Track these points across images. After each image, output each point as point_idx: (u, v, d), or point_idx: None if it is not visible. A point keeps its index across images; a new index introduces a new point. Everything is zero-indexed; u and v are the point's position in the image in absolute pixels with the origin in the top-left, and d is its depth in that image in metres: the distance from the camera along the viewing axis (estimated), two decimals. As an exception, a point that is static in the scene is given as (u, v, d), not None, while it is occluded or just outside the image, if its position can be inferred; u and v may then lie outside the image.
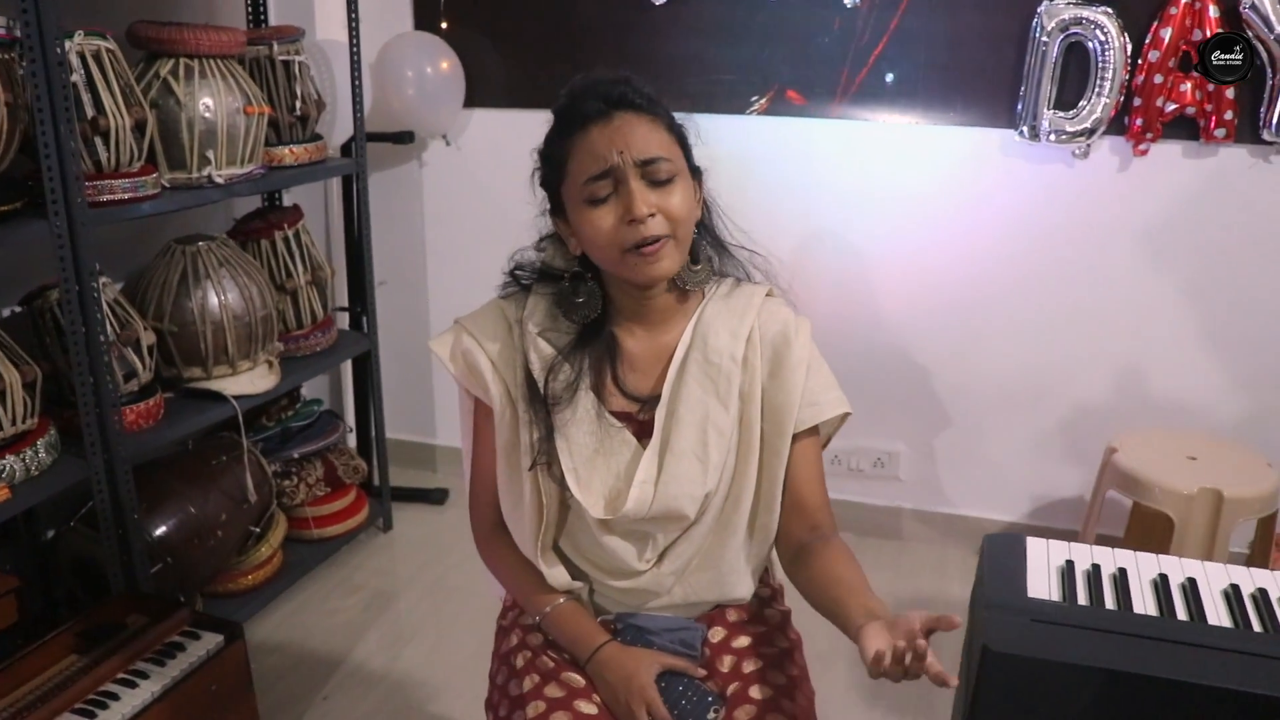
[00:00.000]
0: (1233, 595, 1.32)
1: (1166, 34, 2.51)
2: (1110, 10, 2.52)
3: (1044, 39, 2.60)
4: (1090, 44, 2.57)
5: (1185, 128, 2.61)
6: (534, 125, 1.40)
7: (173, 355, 2.43)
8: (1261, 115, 2.53)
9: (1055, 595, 1.29)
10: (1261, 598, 1.30)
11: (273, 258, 2.71)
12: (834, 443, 1.52)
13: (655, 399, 1.39)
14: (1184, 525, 2.32)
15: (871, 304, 2.98)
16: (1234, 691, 1.10)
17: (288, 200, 2.99)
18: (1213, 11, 2.47)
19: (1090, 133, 2.62)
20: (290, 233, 2.74)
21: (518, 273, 1.45)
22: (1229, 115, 2.54)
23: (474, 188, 3.20)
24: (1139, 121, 2.61)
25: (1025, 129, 2.69)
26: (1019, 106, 2.69)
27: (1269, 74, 2.49)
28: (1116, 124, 2.63)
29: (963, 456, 3.06)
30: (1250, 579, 1.36)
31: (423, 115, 3.05)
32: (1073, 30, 2.57)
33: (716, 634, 1.43)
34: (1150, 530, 2.74)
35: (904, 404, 3.04)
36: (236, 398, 2.45)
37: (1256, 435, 2.72)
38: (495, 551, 1.50)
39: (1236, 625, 1.25)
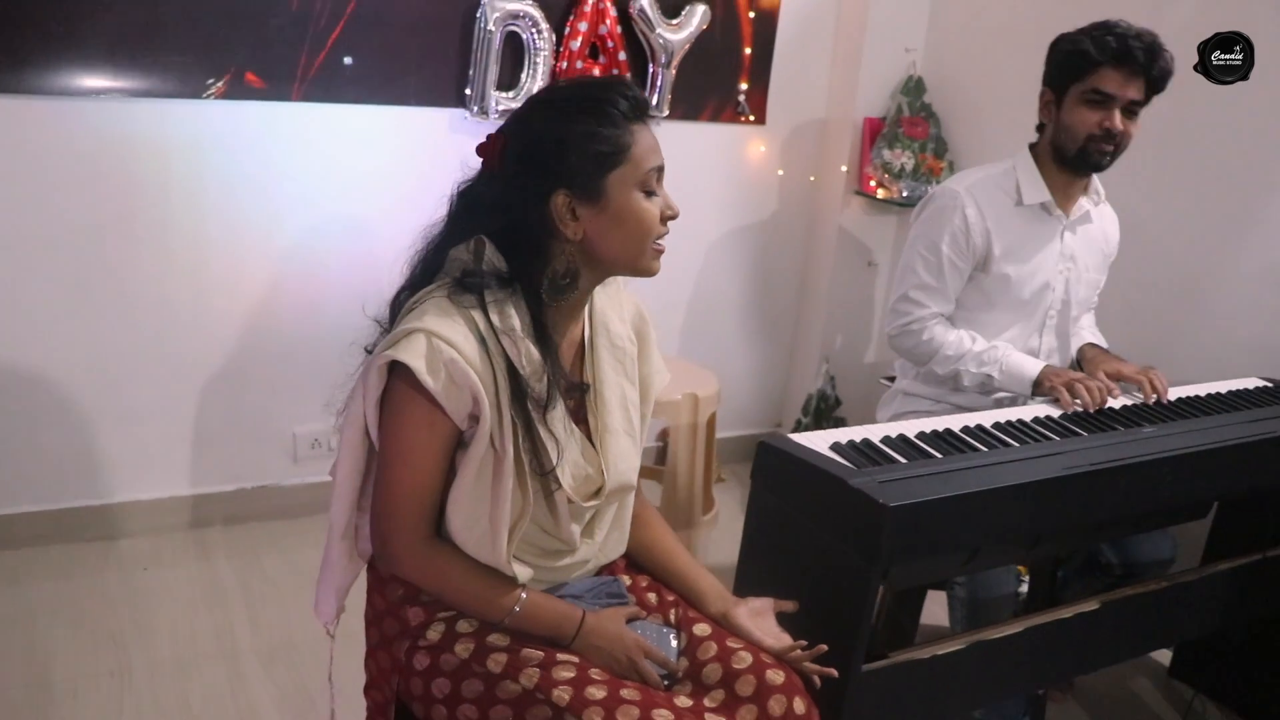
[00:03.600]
0: (942, 434, 1.87)
1: (583, 27, 3.00)
2: (537, 5, 2.92)
3: (490, 28, 2.89)
4: (525, 35, 2.94)
5: (596, 106, 3.15)
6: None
7: None
8: (654, 98, 3.19)
9: (853, 466, 1.70)
10: (947, 433, 1.88)
11: None
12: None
13: (578, 386, 1.47)
14: (677, 425, 2.91)
15: (343, 284, 2.99)
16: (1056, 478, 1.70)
17: None
18: (612, 11, 3.04)
19: (529, 111, 3.01)
20: None
21: (468, 279, 1.37)
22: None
23: None
24: (566, 102, 3.07)
25: (476, 107, 2.97)
26: (469, 88, 2.96)
27: (650, 64, 3.14)
28: (546, 104, 3.06)
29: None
30: (909, 429, 1.92)
31: None
32: (511, 23, 2.91)
33: (624, 580, 1.56)
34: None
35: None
36: None
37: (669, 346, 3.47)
38: (440, 564, 1.40)
39: (988, 446, 1.81)
